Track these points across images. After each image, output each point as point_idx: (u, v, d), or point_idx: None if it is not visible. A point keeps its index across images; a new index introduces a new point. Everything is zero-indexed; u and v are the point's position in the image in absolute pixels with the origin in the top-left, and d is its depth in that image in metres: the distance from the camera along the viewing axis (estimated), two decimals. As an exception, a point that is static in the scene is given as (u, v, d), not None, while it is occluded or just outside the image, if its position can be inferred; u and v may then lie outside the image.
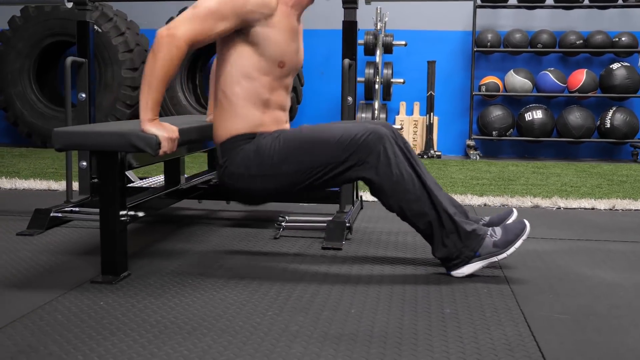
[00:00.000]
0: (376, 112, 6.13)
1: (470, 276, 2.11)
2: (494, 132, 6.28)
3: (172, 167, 2.74)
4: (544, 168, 5.16)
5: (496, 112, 6.27)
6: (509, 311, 1.79)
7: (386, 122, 2.30)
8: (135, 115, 6.41)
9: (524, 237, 2.10)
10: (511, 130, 6.31)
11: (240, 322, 1.67)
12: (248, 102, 2.12)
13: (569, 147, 6.58)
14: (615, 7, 6.22)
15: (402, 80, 6.35)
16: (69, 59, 2.91)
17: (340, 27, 2.87)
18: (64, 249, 2.43)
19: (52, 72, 6.91)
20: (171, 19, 5.28)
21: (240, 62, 2.10)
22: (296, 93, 6.34)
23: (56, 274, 2.11)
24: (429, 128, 6.33)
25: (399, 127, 6.42)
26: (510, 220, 2.38)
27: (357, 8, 2.88)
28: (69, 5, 3.04)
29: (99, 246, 2.04)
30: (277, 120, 2.20)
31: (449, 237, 2.10)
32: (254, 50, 2.09)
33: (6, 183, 3.91)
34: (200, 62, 6.63)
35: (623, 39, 6.16)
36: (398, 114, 6.72)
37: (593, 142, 6.39)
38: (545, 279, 2.11)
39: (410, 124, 6.63)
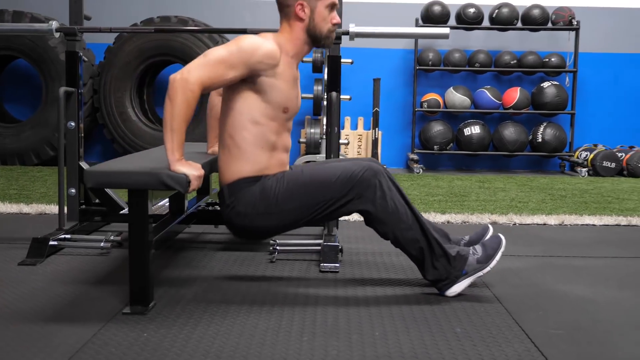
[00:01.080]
0: (324, 127, 6.36)
1: (462, 294, 2.35)
2: (435, 147, 6.63)
3: (178, 194, 2.85)
4: (487, 182, 5.53)
5: (437, 128, 6.63)
6: (510, 329, 2.04)
7: (374, 159, 2.53)
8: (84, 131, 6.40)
9: (502, 249, 2.37)
10: (451, 144, 6.68)
11: (282, 349, 1.85)
12: (256, 146, 2.30)
13: (503, 159, 7.02)
14: (545, 29, 6.70)
15: (348, 97, 6.60)
16: (62, 89, 2.98)
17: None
18: (74, 278, 2.52)
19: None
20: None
21: (248, 109, 2.27)
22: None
23: (82, 305, 2.22)
24: (374, 143, 6.60)
25: (346, 141, 6.67)
26: (487, 236, 2.66)
27: (340, 43, 3.09)
28: (57, 35, 3.11)
29: (108, 274, 2.18)
30: (281, 163, 2.38)
31: (439, 261, 2.34)
32: (260, 97, 2.26)
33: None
34: (148, 78, 6.66)
35: (552, 59, 6.65)
36: (343, 128, 6.97)
37: (526, 156, 6.85)
38: (528, 296, 2.38)
39: (355, 138, 6.91)
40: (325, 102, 6.33)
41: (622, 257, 3.02)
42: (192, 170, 2.11)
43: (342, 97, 6.64)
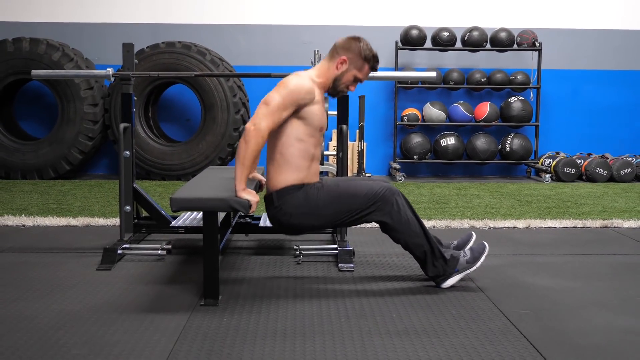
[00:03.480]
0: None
1: (453, 286, 3.07)
2: (415, 156, 7.37)
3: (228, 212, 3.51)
4: (463, 189, 6.29)
5: (416, 139, 7.38)
6: (491, 310, 2.76)
7: (388, 181, 3.24)
8: (95, 147, 7.01)
9: (485, 254, 3.10)
10: (429, 154, 7.43)
11: (327, 327, 2.55)
12: (300, 158, 2.97)
13: (476, 167, 7.79)
14: (511, 50, 7.49)
15: (335, 112, 7.29)
16: (122, 125, 3.64)
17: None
18: (148, 279, 3.18)
19: (9, 106, 7.34)
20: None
21: (294, 131, 2.94)
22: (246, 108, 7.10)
23: (165, 300, 2.88)
24: (360, 154, 7.32)
25: (336, 152, 7.38)
26: (471, 242, 3.39)
27: (347, 84, 3.78)
28: (112, 80, 3.75)
29: (172, 276, 2.92)
30: (316, 172, 3.07)
31: (438, 261, 3.06)
32: (303, 122, 2.94)
33: (27, 220, 4.50)
34: (153, 96, 7.28)
35: (518, 77, 7.44)
36: (331, 140, 7.68)
37: (496, 163, 7.63)
38: (504, 286, 3.11)
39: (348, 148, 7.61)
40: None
41: (577, 254, 3.77)
42: (252, 197, 2.80)
43: (330, 112, 7.36)
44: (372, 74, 3.78)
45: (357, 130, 7.34)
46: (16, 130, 7.29)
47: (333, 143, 7.56)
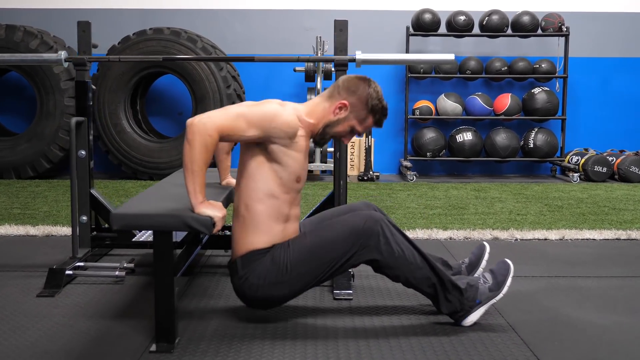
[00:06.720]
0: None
1: (477, 323, 2.42)
2: (428, 153, 6.70)
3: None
4: (482, 191, 5.61)
5: (429, 135, 6.70)
6: (528, 360, 2.11)
7: (370, 203, 2.60)
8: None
9: (511, 275, 2.44)
10: (443, 151, 6.76)
11: (312, 389, 1.90)
12: (271, 219, 2.33)
13: (496, 165, 7.11)
14: (535, 36, 6.79)
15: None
16: (73, 119, 3.01)
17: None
18: (95, 311, 2.55)
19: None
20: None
21: (264, 180, 2.29)
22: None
23: (106, 344, 2.24)
24: (367, 150, 6.66)
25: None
26: (486, 255, 2.74)
27: (347, 69, 3.13)
28: (66, 65, 3.12)
29: (127, 306, 2.25)
30: (294, 233, 2.42)
31: (451, 294, 2.40)
32: (275, 167, 2.29)
33: (-20, 230, 3.90)
34: (141, 89, 6.66)
35: (543, 65, 6.74)
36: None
37: (518, 161, 6.94)
38: (541, 323, 2.45)
39: (347, 146, 6.96)
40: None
41: (627, 276, 3.10)
42: (216, 212, 2.15)
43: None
44: (377, 56, 3.15)
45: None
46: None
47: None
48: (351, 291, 2.77)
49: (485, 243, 2.78)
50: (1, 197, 5.13)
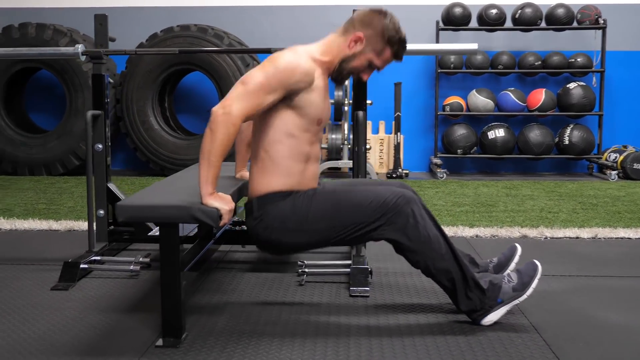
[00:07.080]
0: (345, 131, 6.34)
1: (497, 322, 2.30)
2: (458, 151, 6.56)
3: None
4: (514, 189, 5.45)
5: (460, 131, 6.56)
6: (549, 362, 2.00)
7: (406, 184, 2.48)
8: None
9: (538, 276, 2.32)
10: (475, 148, 6.61)
11: (318, 388, 1.82)
12: (291, 159, 2.25)
13: (529, 163, 6.93)
14: (570, 29, 6.59)
15: (369, 102, 6.54)
16: (89, 113, 2.98)
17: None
18: (107, 305, 2.51)
19: (19, 97, 6.83)
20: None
21: (283, 123, 2.22)
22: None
23: (115, 337, 2.20)
24: (397, 147, 6.55)
25: (368, 146, 6.63)
26: (516, 257, 2.62)
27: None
28: (83, 58, 3.10)
29: (139, 300, 2.19)
30: (313, 176, 2.34)
31: (473, 292, 2.28)
32: (296, 113, 2.21)
33: (5, 224, 3.91)
34: (169, 86, 6.66)
35: (578, 59, 6.54)
36: (378, 131, 6.94)
37: (552, 159, 6.75)
38: (566, 324, 2.33)
39: (376, 143, 6.87)
40: (345, 107, 6.31)
41: (659, 275, 2.95)
42: (224, 205, 2.08)
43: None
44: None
45: (393, 122, 6.58)
46: (25, 122, 6.78)
47: (367, 136, 6.80)
48: (368, 288, 2.68)
49: (517, 245, 2.66)
50: (29, 192, 5.17)
